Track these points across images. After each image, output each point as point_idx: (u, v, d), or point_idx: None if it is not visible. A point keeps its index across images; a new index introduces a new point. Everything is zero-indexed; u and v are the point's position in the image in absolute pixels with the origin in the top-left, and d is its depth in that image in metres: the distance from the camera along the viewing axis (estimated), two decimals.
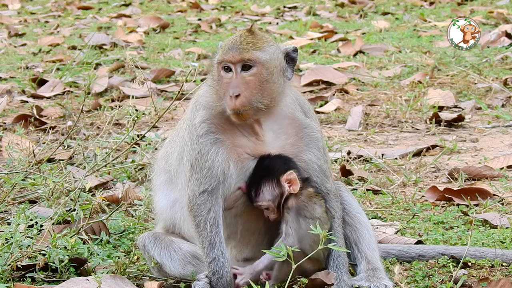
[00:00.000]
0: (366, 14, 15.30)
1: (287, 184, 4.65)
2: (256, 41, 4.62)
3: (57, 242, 4.98)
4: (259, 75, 4.59)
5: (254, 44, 4.61)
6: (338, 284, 4.70)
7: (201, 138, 4.67)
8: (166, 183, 5.00)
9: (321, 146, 4.80)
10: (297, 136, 4.75)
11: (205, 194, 4.67)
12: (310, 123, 4.78)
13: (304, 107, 4.83)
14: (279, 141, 4.73)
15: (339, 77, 10.18)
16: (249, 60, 4.58)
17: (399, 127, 8.46)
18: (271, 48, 4.64)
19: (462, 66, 10.15)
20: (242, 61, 4.58)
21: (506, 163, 7.10)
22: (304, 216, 4.64)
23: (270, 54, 4.62)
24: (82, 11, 17.53)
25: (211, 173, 4.65)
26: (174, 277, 4.83)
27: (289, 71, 4.69)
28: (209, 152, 4.65)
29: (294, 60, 4.70)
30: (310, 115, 4.83)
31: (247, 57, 4.58)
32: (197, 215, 4.68)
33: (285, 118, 4.74)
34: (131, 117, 5.98)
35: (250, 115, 4.60)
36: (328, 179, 4.81)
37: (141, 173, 7.00)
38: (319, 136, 4.80)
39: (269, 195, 4.65)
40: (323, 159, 4.79)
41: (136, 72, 10.23)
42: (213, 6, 17.48)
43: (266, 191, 4.64)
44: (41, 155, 7.03)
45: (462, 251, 5.11)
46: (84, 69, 11.17)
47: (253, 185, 4.65)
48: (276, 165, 4.65)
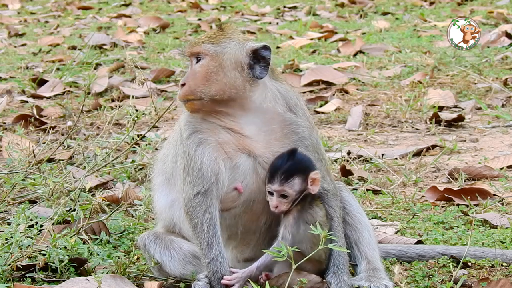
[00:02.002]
0: (366, 14, 15.30)
1: (311, 184, 4.66)
2: (216, 36, 4.73)
3: (57, 242, 4.98)
4: (206, 67, 4.68)
5: (210, 39, 4.73)
6: (338, 284, 4.69)
7: (187, 140, 4.71)
8: (165, 183, 5.01)
9: (310, 144, 4.76)
10: (282, 133, 4.74)
11: (199, 196, 4.67)
12: (295, 120, 4.77)
13: (290, 102, 4.80)
14: (263, 135, 4.72)
15: (339, 77, 10.18)
16: (198, 53, 4.71)
17: (399, 127, 8.46)
18: (229, 44, 4.71)
19: (462, 66, 10.15)
20: (193, 54, 4.73)
21: (506, 163, 7.10)
22: (305, 221, 4.63)
23: (224, 48, 4.69)
24: (82, 11, 17.53)
25: (202, 175, 4.66)
26: (174, 276, 4.83)
27: (258, 68, 4.70)
28: (196, 153, 4.67)
29: (265, 58, 4.71)
30: (296, 110, 4.79)
31: (196, 50, 4.71)
32: (193, 217, 4.69)
33: (265, 113, 4.73)
34: (131, 117, 5.99)
35: (197, 106, 4.68)
36: (324, 178, 4.78)
37: (141, 173, 7.00)
38: (306, 133, 4.77)
39: (298, 186, 4.64)
40: (315, 159, 4.76)
41: (136, 72, 10.23)
42: (213, 6, 17.48)
43: (297, 182, 4.63)
44: (41, 155, 7.04)
45: (462, 251, 5.10)
46: (84, 69, 11.17)
47: (284, 171, 4.62)
48: (307, 161, 4.68)
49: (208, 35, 4.78)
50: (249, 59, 4.71)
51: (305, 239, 4.60)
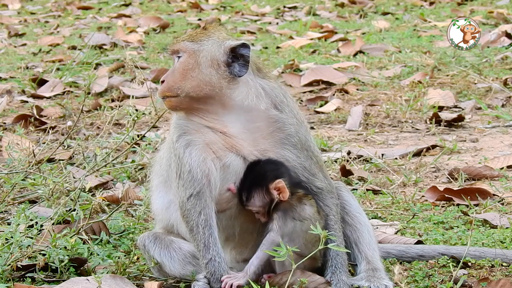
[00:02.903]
0: (366, 14, 15.29)
1: (276, 192, 4.64)
2: (196, 35, 4.75)
3: (57, 242, 4.98)
4: (183, 64, 4.70)
5: (190, 37, 4.75)
6: (337, 284, 4.69)
7: (176, 143, 4.72)
8: (161, 185, 5.02)
9: (298, 141, 4.72)
10: (268, 130, 4.72)
11: (192, 198, 4.67)
12: (280, 117, 4.72)
13: (275, 100, 4.76)
14: (249, 134, 4.70)
15: (339, 77, 10.18)
16: (178, 50, 4.74)
17: (399, 127, 8.46)
18: (208, 42, 4.72)
19: (462, 66, 10.15)
20: (174, 52, 4.76)
21: (506, 163, 7.10)
22: (292, 218, 4.62)
23: (202, 46, 4.71)
24: (82, 11, 17.53)
25: (192, 177, 4.66)
26: (174, 277, 4.83)
27: (237, 66, 4.69)
28: (184, 156, 4.68)
29: (244, 56, 4.69)
30: (282, 108, 4.75)
31: (176, 48, 4.75)
32: (189, 220, 4.69)
33: (249, 111, 4.71)
34: (131, 117, 5.99)
35: (174, 102, 4.71)
36: (316, 176, 4.76)
37: (141, 173, 7.00)
38: (293, 130, 4.72)
39: (259, 202, 4.63)
40: (305, 156, 4.73)
41: (136, 72, 10.23)
42: (213, 6, 17.47)
43: (257, 198, 4.63)
44: (41, 155, 7.04)
45: (462, 251, 5.10)
46: (84, 69, 11.17)
47: (244, 190, 4.63)
48: (266, 172, 4.62)
49: (189, 33, 4.81)
50: (226, 57, 4.69)
51: (296, 236, 4.59)
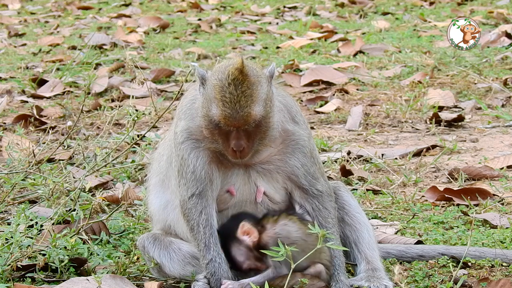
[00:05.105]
0: (366, 14, 15.30)
1: (247, 237, 4.63)
2: (251, 90, 4.45)
3: (57, 242, 4.98)
4: (261, 127, 4.55)
5: (251, 98, 4.44)
6: (336, 285, 4.69)
7: (181, 145, 4.72)
8: (158, 184, 5.02)
9: (308, 151, 4.79)
10: (284, 144, 4.76)
11: (194, 197, 4.68)
12: (297, 130, 4.78)
13: (291, 112, 4.81)
14: (265, 151, 4.72)
15: (339, 77, 10.18)
16: (253, 122, 4.50)
17: (399, 127, 8.46)
18: (263, 88, 4.51)
19: (462, 66, 10.15)
20: (246, 125, 4.50)
21: (506, 163, 7.10)
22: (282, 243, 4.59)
23: (264, 95, 4.51)
24: (82, 11, 17.54)
25: (195, 177, 4.67)
26: (173, 277, 4.84)
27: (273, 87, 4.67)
28: (190, 157, 4.68)
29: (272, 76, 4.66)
30: (298, 119, 4.81)
31: (250, 121, 4.48)
32: (190, 219, 4.70)
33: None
34: (131, 117, 5.99)
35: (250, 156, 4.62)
36: (318, 180, 4.80)
37: (141, 173, 7.00)
38: (306, 141, 4.78)
39: (241, 257, 4.62)
40: (310, 162, 4.78)
41: (136, 72, 10.23)
42: (213, 6, 17.48)
43: (238, 256, 4.62)
44: (41, 155, 7.04)
45: (462, 251, 5.11)
46: (84, 69, 11.17)
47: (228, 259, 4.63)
48: (228, 227, 4.65)
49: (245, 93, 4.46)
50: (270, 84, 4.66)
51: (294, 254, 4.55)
